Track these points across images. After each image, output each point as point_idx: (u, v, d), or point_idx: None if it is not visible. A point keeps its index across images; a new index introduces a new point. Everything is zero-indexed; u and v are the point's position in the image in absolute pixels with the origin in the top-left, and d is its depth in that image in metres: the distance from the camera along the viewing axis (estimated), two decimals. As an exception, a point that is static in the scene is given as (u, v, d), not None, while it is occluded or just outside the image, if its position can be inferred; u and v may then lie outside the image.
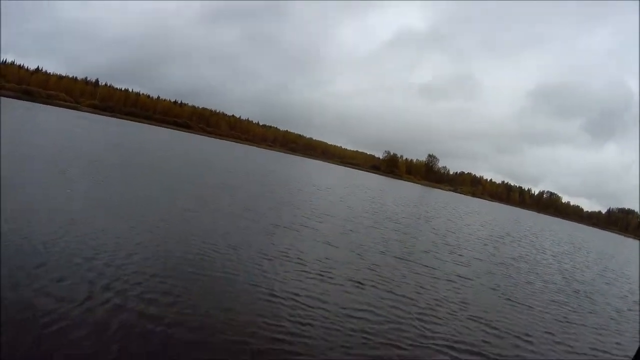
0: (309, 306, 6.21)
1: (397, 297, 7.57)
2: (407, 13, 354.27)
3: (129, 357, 4.08)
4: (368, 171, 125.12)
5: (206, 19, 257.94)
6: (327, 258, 9.21)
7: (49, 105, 66.27)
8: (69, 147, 19.52)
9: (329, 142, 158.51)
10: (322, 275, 7.85)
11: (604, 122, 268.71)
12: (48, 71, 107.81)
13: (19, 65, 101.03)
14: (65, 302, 4.72)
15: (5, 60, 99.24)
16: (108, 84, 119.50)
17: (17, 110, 38.11)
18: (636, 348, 7.15)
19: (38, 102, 64.98)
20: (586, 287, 13.13)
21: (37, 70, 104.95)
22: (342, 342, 5.28)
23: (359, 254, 10.31)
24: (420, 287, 8.63)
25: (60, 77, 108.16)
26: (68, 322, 4.35)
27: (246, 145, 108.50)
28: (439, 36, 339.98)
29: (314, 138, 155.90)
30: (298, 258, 8.70)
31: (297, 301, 6.30)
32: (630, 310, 11.39)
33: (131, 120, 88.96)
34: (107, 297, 5.11)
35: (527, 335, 7.11)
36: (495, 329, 7.04)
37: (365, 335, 5.60)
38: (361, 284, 7.89)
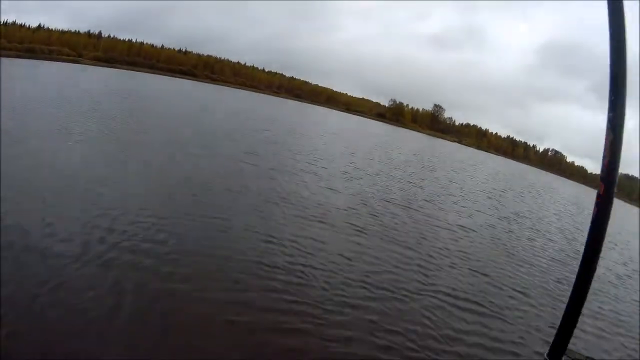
0: (309, 253, 6.43)
1: (397, 246, 7.81)
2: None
3: (120, 310, 4.16)
4: (373, 119, 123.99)
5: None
6: (328, 204, 9.43)
7: (51, 61, 65.40)
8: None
9: (335, 89, 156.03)
10: (323, 222, 8.07)
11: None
12: (50, 27, 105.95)
13: (21, 25, 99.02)
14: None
15: (7, 21, 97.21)
16: (111, 36, 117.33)
17: (14, 68, 37.43)
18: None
19: (40, 59, 64.16)
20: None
21: (39, 27, 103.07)
22: (341, 291, 5.49)
23: (362, 201, 10.54)
24: (422, 237, 8.87)
25: (62, 32, 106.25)
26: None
27: (252, 92, 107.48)
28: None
29: (320, 84, 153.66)
30: (300, 203, 8.93)
31: (297, 248, 6.52)
32: (630, 277, 11.12)
33: (134, 70, 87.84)
34: (109, 239, 5.44)
35: (524, 288, 7.37)
36: (493, 281, 7.30)
37: (364, 285, 5.83)
38: (362, 231, 8.13)
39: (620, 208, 56.30)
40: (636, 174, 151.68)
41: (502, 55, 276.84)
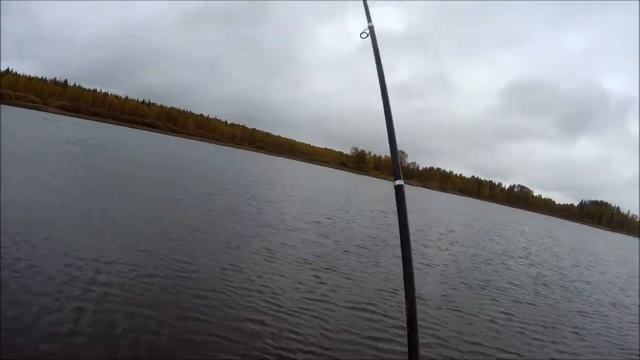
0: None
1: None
2: (385, 16, 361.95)
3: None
4: (336, 168, 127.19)
5: (186, 21, 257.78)
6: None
7: (16, 107, 65.65)
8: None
9: (299, 140, 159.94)
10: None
11: (576, 118, 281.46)
12: (18, 72, 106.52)
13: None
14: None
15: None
16: (77, 85, 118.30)
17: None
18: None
19: (6, 104, 64.41)
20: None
21: (7, 71, 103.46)
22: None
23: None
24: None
25: (29, 78, 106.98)
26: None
27: (213, 144, 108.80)
28: (416, 37, 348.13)
29: (283, 136, 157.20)
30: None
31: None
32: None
33: (97, 121, 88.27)
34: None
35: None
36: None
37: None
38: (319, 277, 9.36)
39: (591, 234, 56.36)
40: (606, 199, 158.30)
41: (467, 98, 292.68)
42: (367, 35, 2.43)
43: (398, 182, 1.92)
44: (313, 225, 14.24)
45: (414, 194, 70.89)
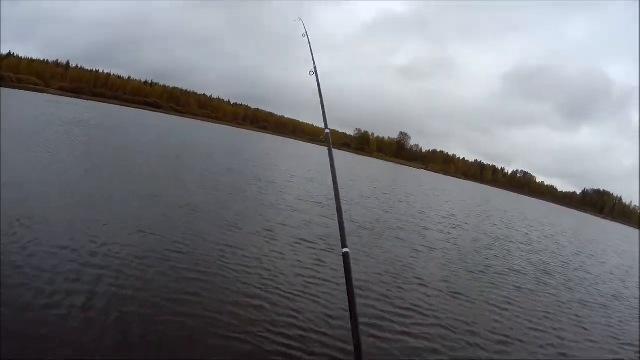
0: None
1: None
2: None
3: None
4: (338, 149, 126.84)
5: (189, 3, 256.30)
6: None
7: (18, 90, 65.41)
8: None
9: (302, 121, 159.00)
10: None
11: (578, 106, 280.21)
12: (20, 55, 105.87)
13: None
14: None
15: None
16: (79, 66, 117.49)
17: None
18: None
19: (7, 87, 64.19)
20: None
21: (9, 55, 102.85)
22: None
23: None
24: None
25: (31, 61, 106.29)
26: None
27: (216, 124, 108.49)
28: (420, 20, 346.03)
29: (286, 116, 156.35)
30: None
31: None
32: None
33: (100, 102, 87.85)
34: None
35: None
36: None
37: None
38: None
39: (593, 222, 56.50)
40: (609, 189, 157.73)
41: (469, 82, 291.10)
42: (314, 74, 3.26)
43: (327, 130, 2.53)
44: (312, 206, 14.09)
45: (416, 174, 70.69)
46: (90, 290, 4.97)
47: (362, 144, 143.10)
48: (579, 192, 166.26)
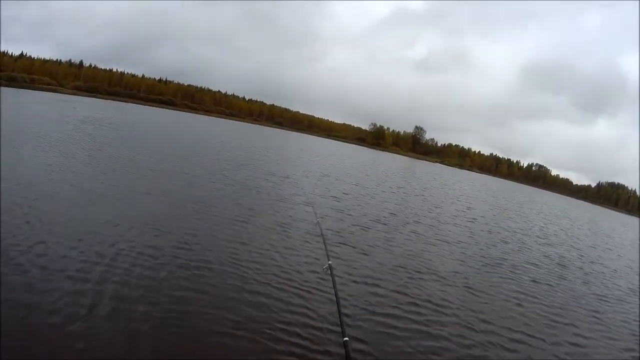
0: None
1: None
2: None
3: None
4: (354, 143, 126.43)
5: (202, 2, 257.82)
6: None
7: (32, 90, 66.29)
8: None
9: (318, 116, 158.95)
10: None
11: (594, 99, 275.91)
12: (32, 56, 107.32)
13: (4, 52, 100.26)
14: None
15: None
16: (92, 65, 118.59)
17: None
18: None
19: (21, 88, 65.18)
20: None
21: (22, 55, 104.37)
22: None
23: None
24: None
25: (44, 61, 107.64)
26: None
27: (231, 120, 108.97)
28: (436, 13, 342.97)
29: (302, 112, 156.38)
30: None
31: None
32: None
33: (114, 100, 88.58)
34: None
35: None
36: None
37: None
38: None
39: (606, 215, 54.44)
40: (623, 182, 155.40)
41: (485, 76, 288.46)
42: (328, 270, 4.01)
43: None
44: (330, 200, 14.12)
45: (431, 170, 70.17)
46: (97, 290, 5.02)
47: (378, 138, 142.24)
48: (593, 185, 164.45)
